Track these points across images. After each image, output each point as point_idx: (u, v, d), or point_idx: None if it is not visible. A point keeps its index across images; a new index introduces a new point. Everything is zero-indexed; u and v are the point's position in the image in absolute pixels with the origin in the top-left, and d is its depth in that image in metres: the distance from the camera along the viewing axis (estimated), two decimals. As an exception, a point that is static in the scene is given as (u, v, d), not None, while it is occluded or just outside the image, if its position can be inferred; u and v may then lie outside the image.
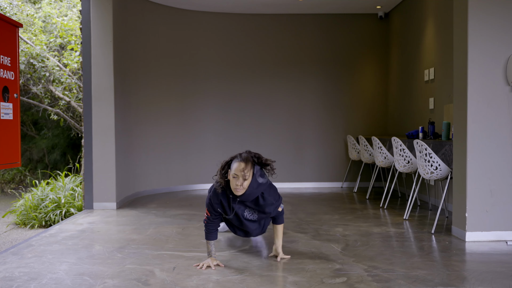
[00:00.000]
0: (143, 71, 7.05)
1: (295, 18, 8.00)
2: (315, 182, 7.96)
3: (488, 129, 4.05)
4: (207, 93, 7.84)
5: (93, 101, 5.87)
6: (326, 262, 3.44)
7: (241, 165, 3.17)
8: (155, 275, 3.17)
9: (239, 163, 3.18)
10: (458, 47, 4.25)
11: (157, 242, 4.12)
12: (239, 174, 3.16)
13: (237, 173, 3.16)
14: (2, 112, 3.01)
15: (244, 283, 3.00)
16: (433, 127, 5.50)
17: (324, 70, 8.04)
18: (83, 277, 3.14)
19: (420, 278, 3.07)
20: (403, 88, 7.35)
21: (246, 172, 3.16)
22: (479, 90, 4.05)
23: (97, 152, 5.88)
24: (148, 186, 7.17)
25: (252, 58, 7.97)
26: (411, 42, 7.01)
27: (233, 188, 3.21)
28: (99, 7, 5.86)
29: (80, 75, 9.31)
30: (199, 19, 7.74)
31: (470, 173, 4.05)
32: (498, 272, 3.22)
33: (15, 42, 3.19)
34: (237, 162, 3.20)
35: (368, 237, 4.27)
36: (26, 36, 9.38)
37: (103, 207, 5.88)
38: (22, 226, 7.50)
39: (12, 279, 3.11)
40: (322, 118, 8.02)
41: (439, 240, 4.16)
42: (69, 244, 4.10)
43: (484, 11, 4.05)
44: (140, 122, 6.99)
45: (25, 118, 12.13)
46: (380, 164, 6.04)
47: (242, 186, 3.18)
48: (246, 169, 3.17)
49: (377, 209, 5.75)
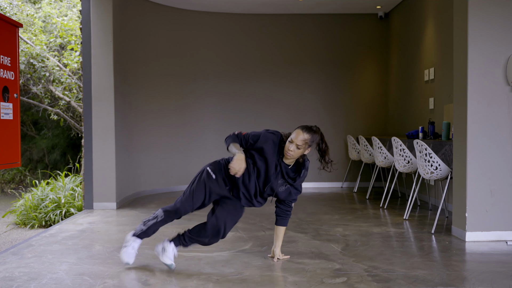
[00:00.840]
0: (143, 71, 7.05)
1: (295, 18, 8.00)
2: (315, 182, 7.96)
3: (488, 129, 4.05)
4: (207, 93, 7.84)
5: (93, 101, 5.87)
6: (326, 262, 3.44)
7: (304, 136, 3.12)
8: (155, 275, 3.17)
9: (304, 133, 3.13)
10: (458, 47, 4.25)
11: (157, 242, 4.11)
12: (297, 142, 3.11)
13: (295, 141, 3.12)
14: (2, 112, 3.01)
15: (244, 283, 3.00)
16: (433, 127, 5.50)
17: (324, 70, 8.04)
18: (83, 277, 3.15)
19: (420, 278, 3.07)
20: (403, 88, 7.35)
21: (303, 143, 3.11)
22: (479, 90, 4.05)
23: (97, 152, 5.88)
24: (148, 186, 7.17)
25: (252, 58, 7.97)
26: (411, 42, 7.01)
27: (285, 150, 3.17)
28: (99, 7, 5.86)
29: (80, 75, 9.31)
30: (199, 19, 7.74)
31: (470, 173, 4.05)
32: (498, 272, 3.22)
33: (15, 42, 3.19)
34: (303, 132, 3.14)
35: (368, 237, 4.27)
36: (26, 36, 9.38)
37: (103, 207, 5.88)
38: (22, 226, 7.50)
39: (12, 279, 3.11)
40: (322, 118, 8.02)
41: (439, 240, 4.16)
42: (69, 244, 4.10)
43: (484, 11, 4.04)
44: (140, 122, 6.99)
45: (25, 118, 12.13)
46: (380, 164, 6.04)
47: (293, 152, 3.14)
48: (305, 141, 3.12)
49: (377, 209, 5.75)
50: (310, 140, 3.14)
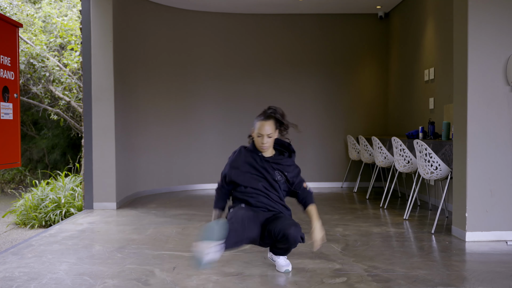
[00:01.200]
0: (143, 71, 7.05)
1: (295, 18, 8.00)
2: (315, 182, 7.96)
3: (488, 129, 4.05)
4: (207, 92, 7.84)
5: (93, 101, 5.87)
6: (326, 262, 3.44)
7: (268, 123, 3.12)
8: (155, 275, 3.17)
9: (261, 121, 3.14)
10: (458, 47, 4.25)
11: (157, 242, 4.12)
12: (265, 133, 3.12)
13: (261, 132, 3.12)
14: (2, 112, 3.01)
15: (244, 283, 3.00)
16: (433, 127, 5.50)
17: (324, 70, 8.03)
18: (83, 277, 3.15)
19: (420, 278, 3.07)
20: (403, 88, 7.35)
21: (268, 129, 3.11)
22: (479, 90, 4.05)
23: (97, 152, 5.88)
24: (148, 186, 7.17)
25: (252, 58, 7.97)
26: (411, 42, 7.01)
27: (259, 146, 3.17)
28: (99, 7, 5.86)
29: (80, 75, 9.31)
30: (199, 19, 7.74)
31: (470, 173, 4.05)
32: (498, 272, 3.22)
33: (15, 42, 3.19)
34: (259, 121, 3.15)
35: (368, 237, 4.27)
36: (26, 36, 9.38)
37: (103, 207, 5.88)
38: (22, 226, 7.50)
39: (12, 279, 3.11)
40: (322, 118, 8.02)
41: (439, 240, 4.16)
42: (69, 244, 4.10)
43: (484, 11, 4.04)
44: (140, 122, 6.99)
45: (25, 118, 12.13)
46: (380, 164, 6.04)
47: (267, 143, 3.14)
48: (269, 126, 3.12)
49: (377, 209, 5.75)
50: (274, 124, 3.15)
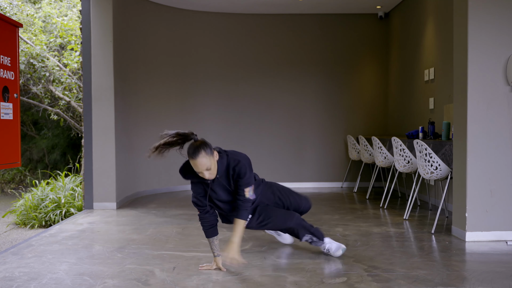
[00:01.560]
0: (143, 71, 7.05)
1: (295, 18, 8.00)
2: (315, 182, 7.96)
3: (488, 129, 4.05)
4: (207, 92, 7.84)
5: (93, 101, 5.87)
6: (326, 262, 3.44)
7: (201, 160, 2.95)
8: (155, 275, 3.17)
9: (192, 161, 2.97)
10: (458, 47, 4.24)
11: (157, 242, 4.12)
12: (203, 169, 2.99)
13: (198, 170, 3.01)
14: (2, 112, 3.01)
15: (244, 283, 3.00)
16: (433, 127, 5.50)
17: (324, 70, 8.04)
18: (83, 277, 3.15)
19: (420, 278, 3.07)
20: (403, 88, 7.35)
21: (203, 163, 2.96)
22: (479, 90, 4.05)
23: (97, 152, 5.88)
24: (148, 186, 7.17)
25: (252, 58, 7.97)
26: (411, 42, 7.01)
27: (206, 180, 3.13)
28: (99, 7, 5.86)
29: (80, 75, 9.31)
30: (199, 19, 7.74)
31: (470, 173, 4.05)
32: (498, 272, 3.22)
33: (15, 42, 3.19)
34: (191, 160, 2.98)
35: (368, 237, 4.27)
36: (26, 36, 9.38)
37: (103, 207, 5.88)
38: (22, 226, 7.50)
39: (12, 279, 3.11)
40: (322, 118, 8.02)
41: (439, 240, 4.16)
42: (69, 244, 4.10)
43: (484, 11, 4.04)
44: (140, 122, 6.99)
45: (25, 118, 12.13)
46: (380, 164, 6.04)
47: (211, 174, 3.04)
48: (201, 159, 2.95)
49: (377, 209, 5.75)
50: (205, 152, 2.98)
